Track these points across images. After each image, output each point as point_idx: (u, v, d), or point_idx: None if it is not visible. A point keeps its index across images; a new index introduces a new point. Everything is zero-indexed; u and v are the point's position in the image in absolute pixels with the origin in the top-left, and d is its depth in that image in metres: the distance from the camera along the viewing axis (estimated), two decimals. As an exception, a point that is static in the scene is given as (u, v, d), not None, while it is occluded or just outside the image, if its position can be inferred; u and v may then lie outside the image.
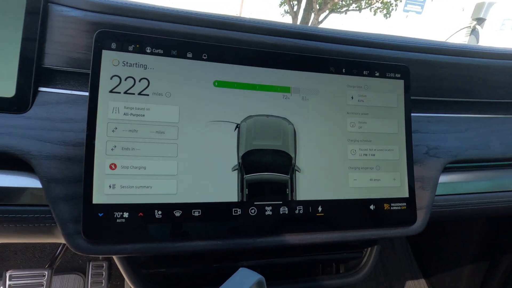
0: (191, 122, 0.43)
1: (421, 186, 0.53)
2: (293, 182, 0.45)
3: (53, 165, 0.40)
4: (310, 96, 0.47)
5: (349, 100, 0.49)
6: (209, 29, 0.46)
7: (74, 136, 0.41)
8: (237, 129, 0.44)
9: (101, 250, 0.41)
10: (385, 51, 0.54)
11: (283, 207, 0.45)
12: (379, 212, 0.49)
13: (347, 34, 0.52)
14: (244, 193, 0.44)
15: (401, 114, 0.51)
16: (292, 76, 0.47)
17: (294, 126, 0.46)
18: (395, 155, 0.50)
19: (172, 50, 0.43)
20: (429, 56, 0.56)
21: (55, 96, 0.43)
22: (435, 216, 0.55)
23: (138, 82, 0.42)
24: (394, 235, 0.51)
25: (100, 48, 0.41)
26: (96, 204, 0.39)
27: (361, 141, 0.49)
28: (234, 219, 0.43)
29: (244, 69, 0.45)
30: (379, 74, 0.51)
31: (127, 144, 0.41)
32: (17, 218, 0.41)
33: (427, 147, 0.55)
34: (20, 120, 0.40)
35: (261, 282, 0.33)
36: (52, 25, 0.43)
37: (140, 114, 0.41)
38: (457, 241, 1.00)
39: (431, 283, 1.12)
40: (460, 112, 0.61)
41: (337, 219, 0.47)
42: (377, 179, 0.49)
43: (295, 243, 0.46)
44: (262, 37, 0.48)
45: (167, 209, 0.41)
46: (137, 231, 0.40)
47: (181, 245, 0.43)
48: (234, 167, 0.44)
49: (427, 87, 0.58)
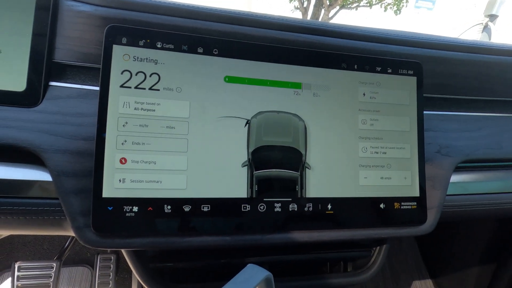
0: (201, 117, 0.43)
1: (432, 185, 0.52)
2: (303, 179, 0.45)
3: (64, 158, 0.40)
4: (321, 92, 0.47)
5: (361, 97, 0.48)
6: (220, 24, 0.46)
7: (85, 130, 0.41)
8: (247, 125, 0.44)
9: (110, 243, 0.41)
10: (397, 47, 0.53)
11: (292, 204, 0.45)
12: (389, 211, 0.48)
13: (359, 30, 0.52)
14: (253, 189, 0.43)
15: (413, 111, 0.50)
16: (303, 72, 0.46)
17: (305, 122, 0.46)
18: (406, 154, 0.50)
19: (182, 45, 0.43)
20: (442, 52, 0.55)
21: (66, 91, 0.43)
22: (445, 216, 0.54)
23: (148, 77, 0.41)
24: (404, 235, 0.50)
25: (111, 43, 0.41)
26: (106, 198, 0.39)
27: (372, 139, 0.48)
28: (243, 215, 0.43)
29: (255, 65, 0.45)
30: (392, 70, 0.50)
31: (138, 138, 0.41)
32: (27, 211, 0.41)
33: (439, 145, 0.54)
34: (31, 114, 0.41)
35: (269, 279, 0.32)
36: (63, 20, 0.43)
37: (151, 109, 0.41)
38: (465, 242, 0.99)
39: (438, 284, 1.11)
40: (472, 111, 0.60)
41: (346, 217, 0.47)
42: (388, 177, 0.48)
43: (304, 241, 0.46)
44: (274, 32, 0.47)
45: (177, 204, 0.41)
46: (146, 225, 0.40)
47: (190, 240, 0.43)
48: (244, 163, 0.43)
49: (440, 84, 0.57)
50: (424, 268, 1.14)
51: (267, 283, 0.32)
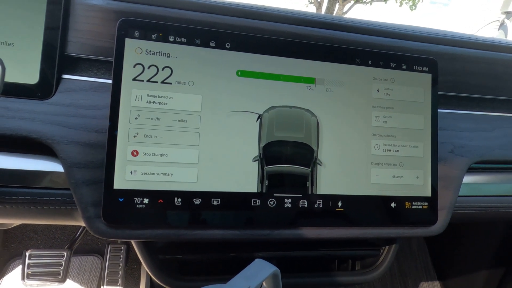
0: (213, 111, 0.42)
1: (444, 185, 0.51)
2: (314, 176, 0.45)
3: (76, 150, 0.41)
4: (334, 87, 0.46)
5: (375, 93, 0.48)
6: (233, 18, 0.45)
7: (97, 122, 0.42)
8: (259, 119, 0.43)
9: (120, 234, 0.42)
10: (412, 43, 0.52)
11: (302, 200, 0.44)
12: (399, 210, 0.48)
13: (374, 25, 0.51)
14: (264, 184, 0.43)
15: (428, 109, 0.50)
16: (316, 66, 0.46)
17: (317, 118, 0.45)
18: (419, 152, 0.49)
19: (195, 38, 0.42)
20: (458, 49, 0.54)
21: (79, 83, 0.43)
22: (456, 218, 0.53)
23: (161, 71, 0.41)
24: (414, 235, 0.50)
25: (123, 37, 0.41)
26: (117, 189, 0.40)
27: (385, 136, 0.47)
28: (252, 210, 0.43)
29: (268, 59, 0.44)
30: (406, 67, 0.49)
31: (150, 131, 0.41)
32: (39, 201, 0.42)
33: (452, 145, 0.53)
34: (44, 106, 0.41)
35: (276, 274, 0.32)
36: (75, 14, 0.43)
37: (163, 103, 0.41)
38: (474, 244, 0.97)
39: (445, 286, 1.10)
40: (487, 110, 0.59)
41: (356, 215, 0.46)
42: (400, 176, 0.48)
43: (313, 237, 0.46)
44: (287, 26, 0.47)
45: (187, 197, 0.41)
46: (156, 217, 0.41)
47: (199, 233, 0.43)
48: (255, 158, 0.43)
49: (455, 82, 0.55)
50: (432, 269, 1.13)
51: (275, 278, 0.32)
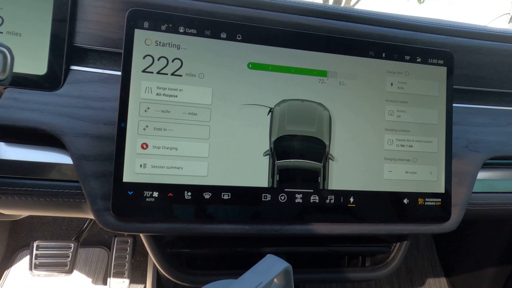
0: (224, 104, 0.42)
1: (457, 181, 0.50)
2: (325, 171, 0.44)
3: (85, 142, 0.40)
4: (347, 81, 0.45)
5: (388, 87, 0.46)
6: (244, 8, 0.44)
7: (106, 114, 0.41)
8: (270, 113, 0.43)
9: (129, 227, 0.41)
10: (426, 34, 0.50)
11: (313, 196, 0.44)
12: (412, 206, 0.47)
13: (388, 16, 0.49)
14: (274, 179, 0.43)
15: (442, 104, 0.48)
16: (329, 59, 0.44)
17: (329, 112, 0.44)
18: (433, 148, 0.48)
19: (205, 30, 0.42)
20: (474, 41, 0.52)
21: (87, 75, 0.43)
22: (469, 214, 0.52)
23: (171, 63, 0.41)
24: (426, 232, 0.49)
25: (133, 27, 0.40)
26: (127, 182, 0.39)
27: (399, 131, 0.46)
28: (263, 205, 0.43)
29: (279, 51, 0.43)
30: (421, 60, 0.48)
31: (159, 124, 0.40)
32: (48, 192, 0.42)
33: (467, 140, 0.51)
34: (52, 97, 0.41)
35: (288, 270, 0.32)
36: (83, 4, 0.42)
37: (173, 95, 0.41)
38: (482, 242, 0.96)
39: (451, 283, 1.09)
40: (503, 105, 0.57)
41: (368, 212, 0.46)
42: (413, 172, 0.47)
43: (324, 233, 0.45)
44: (299, 17, 0.46)
45: (197, 191, 0.41)
46: (165, 211, 0.40)
47: (209, 227, 0.43)
48: (266, 152, 0.42)
49: (470, 75, 0.54)
50: (439, 265, 1.12)
51: (286, 274, 0.32)
